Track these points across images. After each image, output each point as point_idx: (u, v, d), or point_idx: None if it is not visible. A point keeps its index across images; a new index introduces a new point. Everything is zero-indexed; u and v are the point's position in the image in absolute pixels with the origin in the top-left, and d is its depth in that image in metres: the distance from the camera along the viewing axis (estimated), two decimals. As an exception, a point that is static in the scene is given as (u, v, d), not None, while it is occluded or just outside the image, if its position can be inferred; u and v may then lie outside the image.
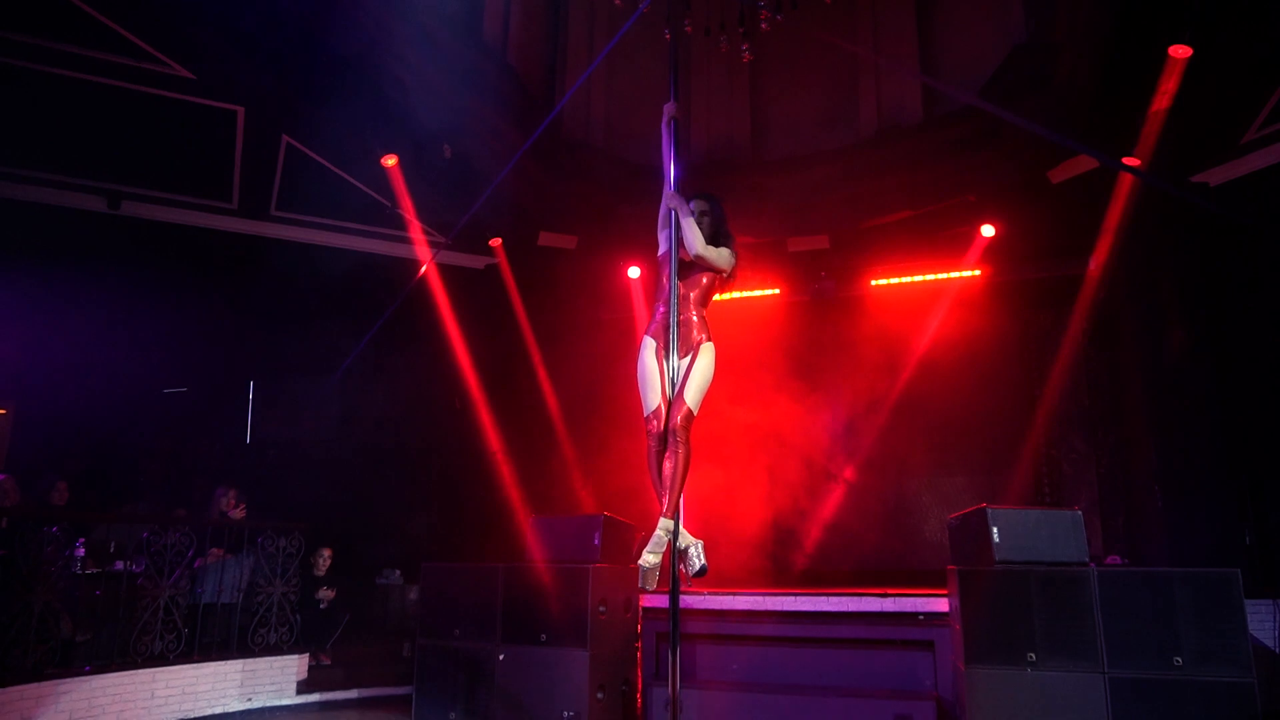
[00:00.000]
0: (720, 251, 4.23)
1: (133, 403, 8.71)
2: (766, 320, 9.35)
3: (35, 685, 5.81)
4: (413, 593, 8.49)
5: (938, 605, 5.94)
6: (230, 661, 7.05)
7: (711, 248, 4.20)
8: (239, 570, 7.46)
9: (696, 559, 3.90)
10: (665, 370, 4.09)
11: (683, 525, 3.94)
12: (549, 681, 6.00)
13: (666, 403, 4.05)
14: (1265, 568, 6.80)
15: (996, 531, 5.27)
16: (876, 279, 9.27)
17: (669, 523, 3.87)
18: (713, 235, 4.27)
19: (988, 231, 8.57)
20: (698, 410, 4.02)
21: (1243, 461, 7.23)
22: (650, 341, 4.20)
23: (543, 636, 6.12)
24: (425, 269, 8.85)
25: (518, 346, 9.57)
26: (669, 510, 3.87)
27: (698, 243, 4.15)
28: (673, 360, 4.04)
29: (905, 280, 9.18)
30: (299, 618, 7.60)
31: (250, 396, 9.36)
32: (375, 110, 8.00)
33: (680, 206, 4.19)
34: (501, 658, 6.21)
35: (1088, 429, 8.74)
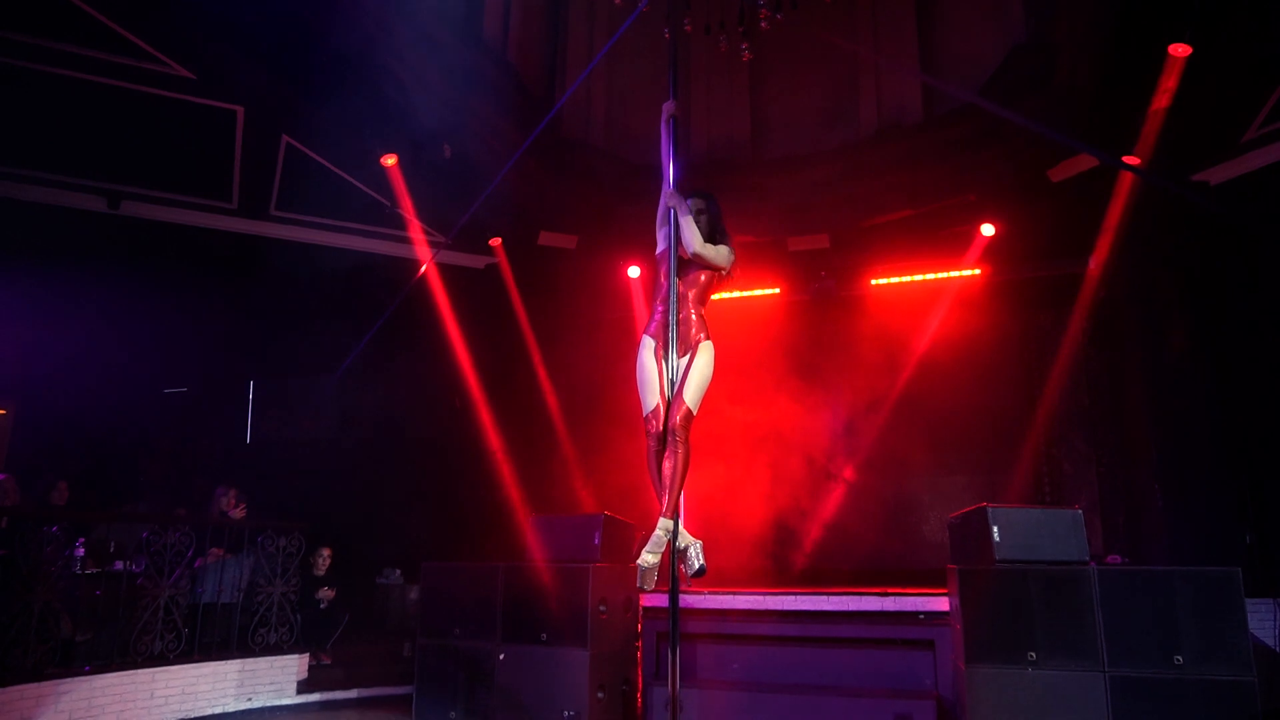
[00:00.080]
0: (719, 249, 4.23)
1: (133, 402, 8.71)
2: (767, 319, 9.35)
3: (35, 685, 5.81)
4: (413, 592, 8.49)
5: (938, 604, 5.93)
6: (230, 661, 7.05)
7: (710, 245, 4.20)
8: (239, 570, 7.46)
9: (696, 559, 3.89)
10: (664, 370, 4.08)
11: (682, 525, 3.94)
12: (549, 681, 6.00)
13: (665, 402, 4.04)
14: (1266, 567, 6.79)
15: (997, 531, 5.26)
16: (877, 278, 9.27)
17: (668, 522, 3.86)
18: (710, 233, 4.27)
19: (988, 231, 8.57)
20: (697, 410, 4.01)
21: (1243, 460, 7.23)
22: (649, 341, 4.19)
23: (543, 636, 6.11)
24: (425, 269, 8.85)
25: (518, 346, 9.58)
26: (668, 510, 3.86)
27: (696, 240, 4.14)
28: (672, 359, 4.04)
29: (905, 279, 9.18)
30: (299, 617, 7.60)
31: (250, 396, 9.36)
32: (375, 110, 8.01)
33: (679, 205, 4.18)
34: (502, 657, 6.21)
35: (1088, 428, 8.74)
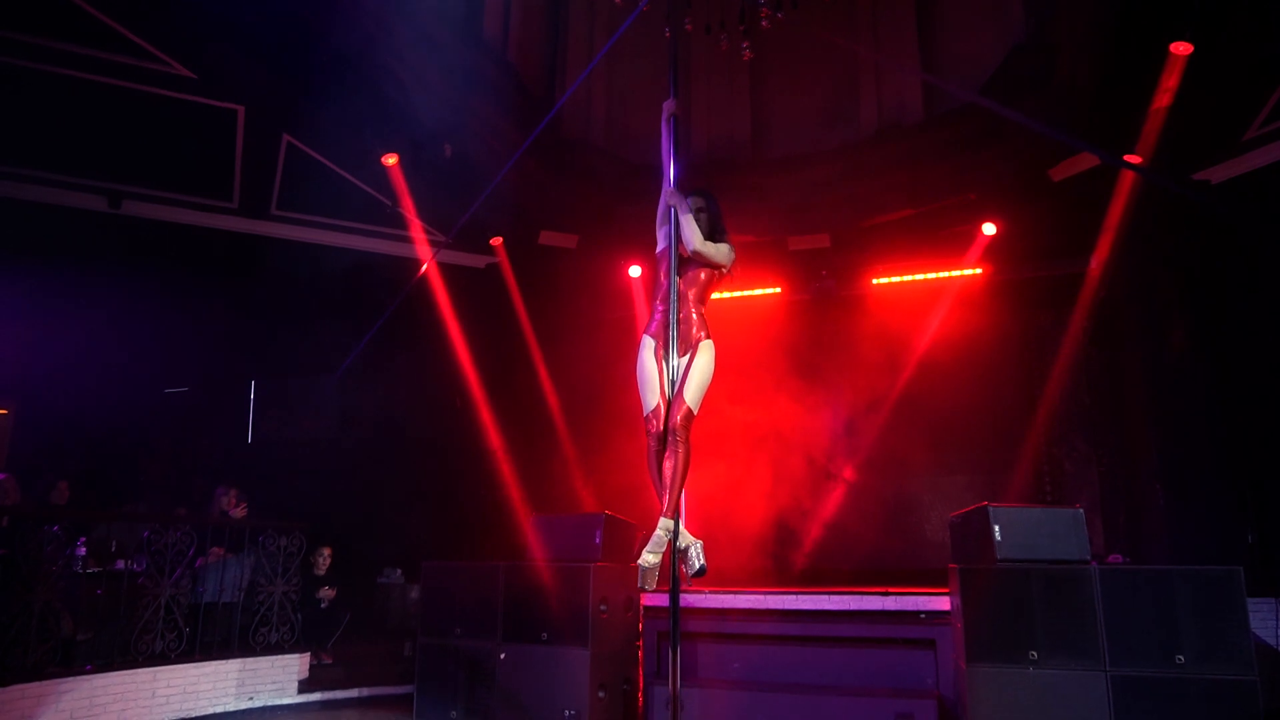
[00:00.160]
0: (719, 247, 4.22)
1: (133, 402, 8.70)
2: (767, 319, 9.34)
3: (36, 684, 5.81)
4: (413, 591, 8.49)
5: (939, 604, 5.92)
6: (231, 660, 7.05)
7: (710, 243, 4.20)
8: (240, 569, 7.46)
9: (696, 559, 3.89)
10: (665, 369, 4.08)
11: (683, 525, 3.94)
12: (550, 680, 5.99)
13: (666, 402, 4.04)
14: (1267, 566, 6.78)
15: (998, 530, 5.26)
16: (877, 278, 9.26)
17: (669, 522, 3.86)
18: (710, 232, 4.26)
19: (989, 230, 8.57)
20: (698, 409, 4.01)
21: (1244, 460, 7.22)
22: (649, 341, 4.19)
23: (544, 635, 6.11)
24: (426, 268, 8.84)
25: (518, 345, 9.57)
26: (669, 510, 3.86)
27: (696, 238, 4.14)
28: (672, 359, 4.03)
29: (906, 279, 9.17)
30: (300, 617, 7.60)
31: (251, 396, 9.35)
32: (375, 109, 8.01)
33: (679, 203, 4.18)
34: (502, 656, 6.21)
35: (1089, 428, 8.73)
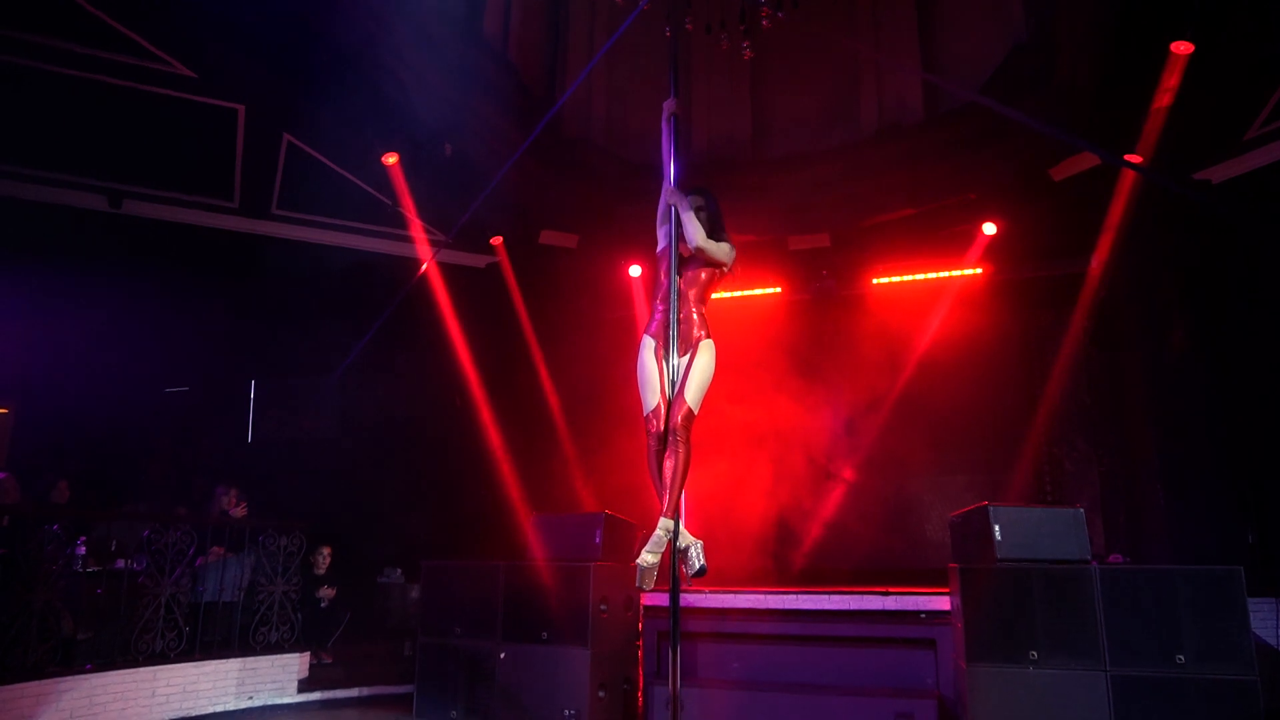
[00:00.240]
0: (720, 245, 4.22)
1: (134, 402, 8.70)
2: (767, 319, 9.33)
3: (36, 683, 5.81)
4: (414, 591, 8.49)
5: (939, 603, 5.93)
6: (231, 660, 7.05)
7: (711, 241, 4.19)
8: (240, 569, 7.46)
9: (696, 559, 3.88)
10: (665, 369, 4.08)
11: (683, 525, 3.93)
12: (550, 679, 6.00)
13: (666, 402, 4.04)
14: (1268, 566, 6.78)
15: (998, 529, 5.26)
16: (877, 277, 9.25)
17: (669, 522, 3.85)
18: (710, 230, 4.25)
19: (989, 230, 8.56)
20: (698, 409, 4.00)
21: (1245, 459, 7.21)
22: (649, 341, 4.18)
23: (544, 635, 6.11)
24: (426, 268, 8.84)
25: (519, 345, 9.56)
26: (669, 510, 3.85)
27: (698, 235, 4.14)
28: (672, 358, 4.03)
29: (906, 278, 9.16)
30: (300, 616, 7.60)
31: (251, 395, 9.35)
32: (376, 108, 8.00)
33: (680, 202, 4.18)
34: (502, 656, 6.21)
35: (1089, 427, 8.73)
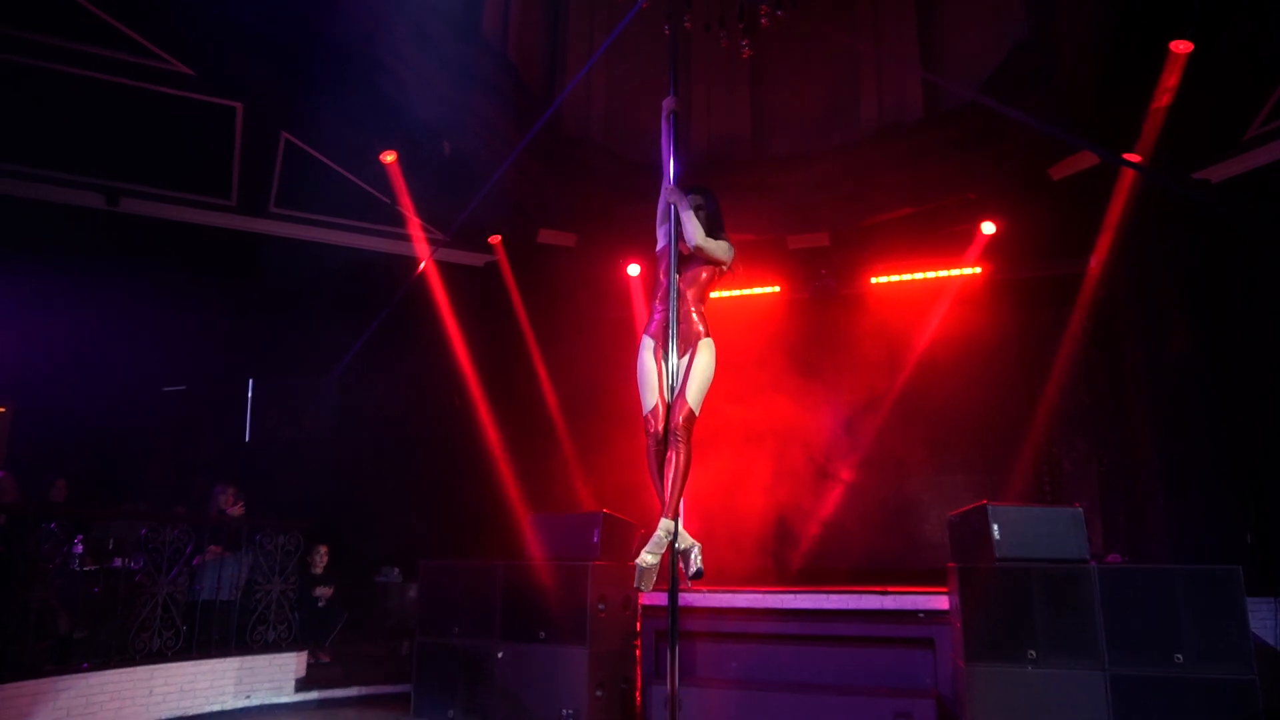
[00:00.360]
0: (719, 243, 4.20)
1: (132, 401, 8.69)
2: (766, 318, 9.32)
3: (33, 682, 5.79)
4: (411, 590, 8.47)
5: (938, 603, 5.92)
6: (228, 659, 7.04)
7: (710, 239, 4.18)
8: (237, 568, 7.45)
9: (695, 561, 3.87)
10: (664, 369, 4.06)
11: (682, 526, 3.92)
12: (548, 679, 5.99)
13: (664, 403, 4.03)
14: (1267, 566, 6.78)
15: (997, 529, 5.25)
16: (877, 276, 9.25)
17: (669, 523, 3.83)
18: (709, 229, 4.24)
19: (988, 229, 8.56)
20: (699, 409, 3.99)
21: (1244, 460, 7.20)
22: (649, 341, 4.17)
23: (542, 634, 6.10)
24: (424, 266, 8.83)
25: (517, 344, 9.55)
26: (670, 510, 3.84)
27: (698, 234, 4.12)
28: (671, 358, 4.02)
29: (905, 278, 9.16)
30: (297, 615, 7.59)
31: (249, 394, 9.33)
32: (374, 106, 7.99)
33: (679, 200, 4.16)
34: (500, 655, 6.20)
35: (1089, 427, 8.72)
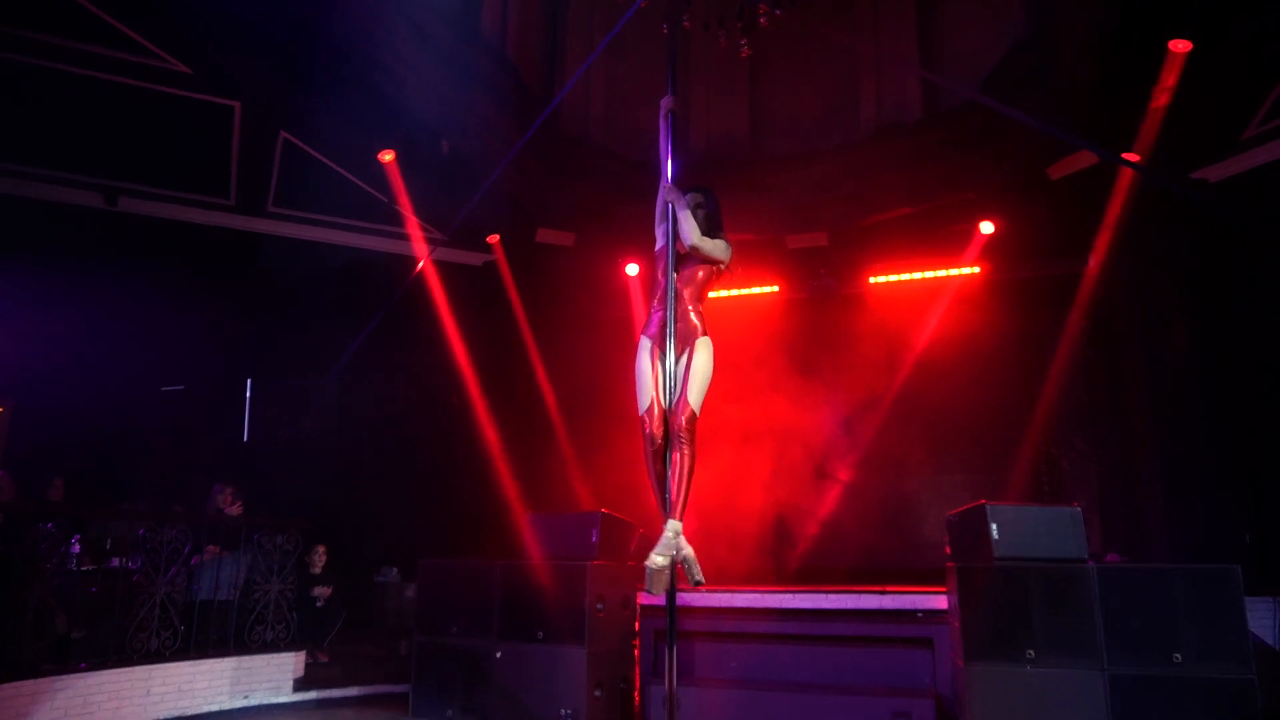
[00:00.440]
0: (716, 242, 4.21)
1: (130, 400, 8.68)
2: (765, 317, 9.32)
3: (31, 682, 5.77)
4: (410, 590, 8.46)
5: (936, 602, 5.91)
6: (226, 659, 7.02)
7: (707, 239, 4.18)
8: (235, 567, 7.44)
9: (695, 574, 3.85)
10: (662, 370, 4.06)
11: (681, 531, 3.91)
12: (547, 679, 5.98)
13: (661, 406, 4.03)
14: (1266, 565, 6.78)
15: (995, 528, 5.24)
16: (875, 276, 9.24)
17: (677, 524, 3.84)
18: (707, 228, 4.24)
19: (987, 229, 8.56)
20: (700, 410, 4.00)
21: (1243, 459, 7.20)
22: (646, 342, 4.17)
23: (540, 634, 6.09)
24: (422, 266, 8.82)
25: (516, 343, 9.54)
26: (676, 511, 3.84)
27: (694, 233, 4.12)
28: (669, 357, 4.02)
29: (904, 277, 9.16)
30: (295, 615, 7.57)
31: (247, 394, 9.33)
32: (372, 106, 7.99)
33: (677, 199, 4.16)
34: (499, 655, 6.19)
35: (1087, 427, 8.72)
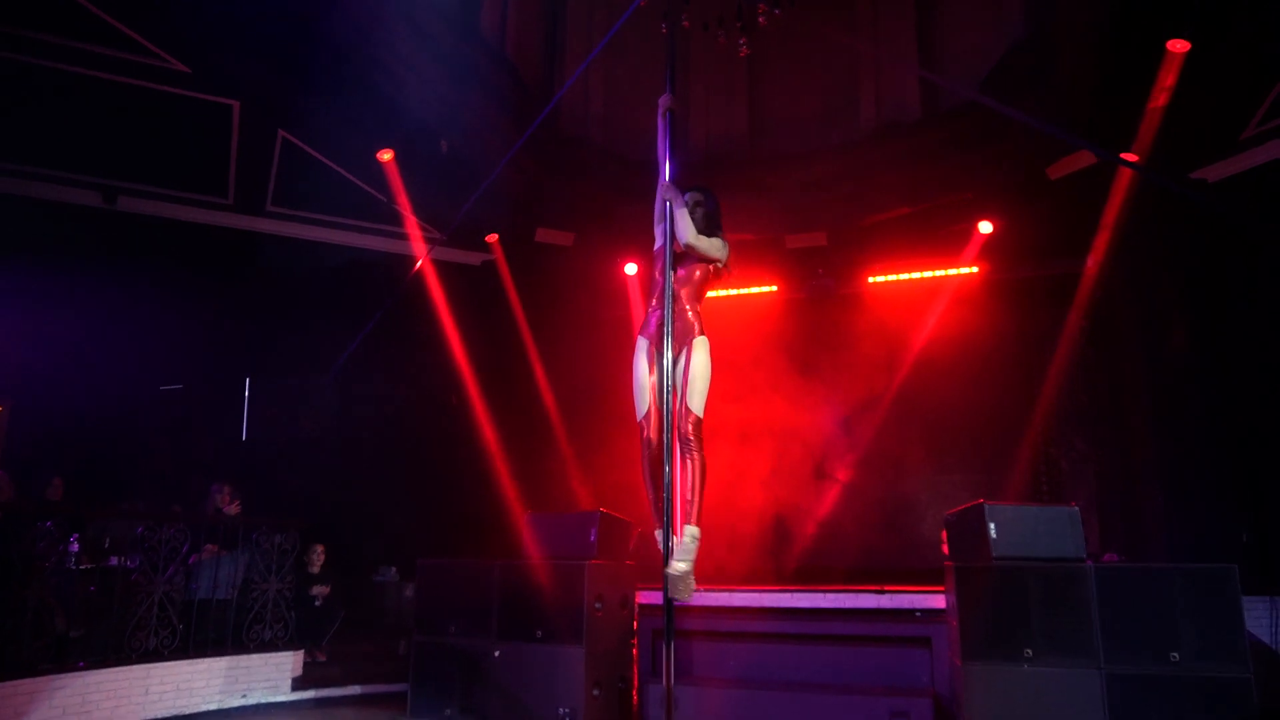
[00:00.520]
0: (712, 241, 4.21)
1: (129, 399, 8.68)
2: (763, 317, 9.33)
3: (29, 680, 5.77)
4: (408, 589, 8.47)
5: (935, 602, 5.91)
6: (225, 658, 7.02)
7: (704, 237, 4.18)
8: (234, 567, 7.43)
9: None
10: (660, 371, 4.07)
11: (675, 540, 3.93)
12: (545, 678, 5.98)
13: (657, 408, 4.04)
14: (1263, 565, 6.79)
15: (994, 528, 5.24)
16: (874, 276, 9.25)
17: (695, 529, 3.88)
18: (705, 227, 4.24)
19: (985, 228, 8.56)
20: (703, 411, 4.02)
21: (1241, 459, 7.21)
22: (644, 342, 4.18)
23: (539, 633, 6.09)
24: (421, 265, 8.82)
25: (515, 343, 9.55)
26: (694, 517, 3.88)
27: (689, 232, 4.13)
28: (667, 356, 4.02)
29: (903, 277, 9.17)
30: (294, 614, 7.58)
31: (246, 393, 9.32)
32: (371, 105, 7.99)
33: (675, 198, 4.16)
34: (497, 654, 6.19)
35: (1086, 427, 8.72)
